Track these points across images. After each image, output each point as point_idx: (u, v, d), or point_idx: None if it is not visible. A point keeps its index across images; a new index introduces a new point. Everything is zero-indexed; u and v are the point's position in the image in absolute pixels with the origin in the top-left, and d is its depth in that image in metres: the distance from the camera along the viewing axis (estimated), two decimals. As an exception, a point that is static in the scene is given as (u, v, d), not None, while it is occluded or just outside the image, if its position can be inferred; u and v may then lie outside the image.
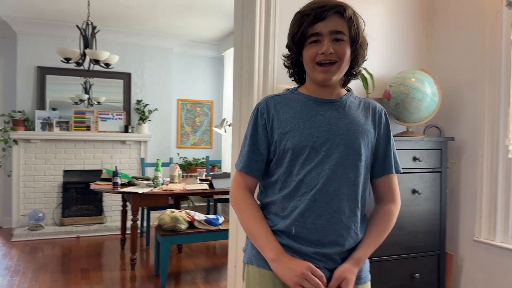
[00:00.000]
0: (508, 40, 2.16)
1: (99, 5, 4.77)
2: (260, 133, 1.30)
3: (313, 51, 1.23)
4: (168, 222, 3.54)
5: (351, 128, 1.26)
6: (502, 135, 2.21)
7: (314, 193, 1.22)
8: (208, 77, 6.69)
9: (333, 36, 1.21)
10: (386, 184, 1.35)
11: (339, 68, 1.23)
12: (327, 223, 1.22)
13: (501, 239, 2.25)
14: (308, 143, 1.23)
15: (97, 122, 5.72)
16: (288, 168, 1.26)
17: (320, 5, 1.22)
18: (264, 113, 1.30)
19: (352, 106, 1.31)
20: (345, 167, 1.23)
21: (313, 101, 1.29)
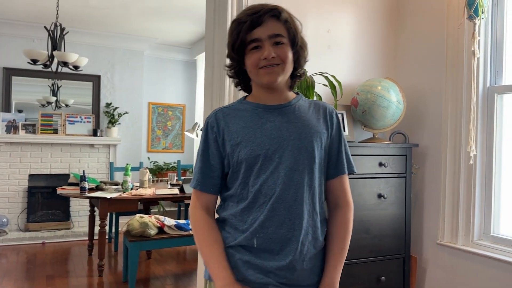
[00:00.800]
0: (469, 51, 2.25)
1: (68, 7, 4.68)
2: (212, 147, 1.28)
3: (255, 57, 1.22)
4: (137, 228, 3.50)
5: (303, 131, 1.25)
6: (464, 142, 2.30)
7: (273, 202, 1.20)
8: (181, 81, 6.66)
9: (273, 40, 1.21)
10: (339, 185, 1.33)
11: (283, 70, 1.23)
12: (289, 231, 1.20)
13: (463, 243, 2.33)
14: (261, 151, 1.21)
15: (64, 125, 5.60)
16: (243, 180, 1.24)
17: (255, 11, 1.21)
18: (214, 127, 1.28)
19: (302, 109, 1.30)
20: (300, 171, 1.22)
21: (262, 108, 1.28)
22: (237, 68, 1.30)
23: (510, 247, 2.14)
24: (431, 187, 2.53)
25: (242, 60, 1.26)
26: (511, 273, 2.08)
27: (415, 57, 2.64)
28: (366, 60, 2.68)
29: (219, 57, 2.24)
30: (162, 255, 4.70)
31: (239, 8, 2.20)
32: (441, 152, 2.43)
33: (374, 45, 2.71)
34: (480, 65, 2.27)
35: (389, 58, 2.76)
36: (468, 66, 2.27)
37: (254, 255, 1.22)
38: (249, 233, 1.21)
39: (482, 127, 2.28)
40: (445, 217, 2.39)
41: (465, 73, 2.29)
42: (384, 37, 2.74)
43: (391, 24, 2.76)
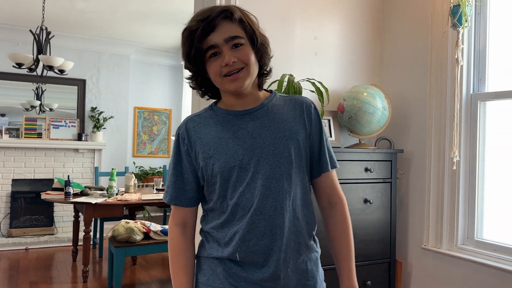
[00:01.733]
0: (453, 59, 2.30)
1: (54, 10, 4.64)
2: (184, 160, 1.22)
3: (216, 65, 1.14)
4: (122, 233, 3.47)
5: (277, 135, 1.18)
6: (448, 148, 2.34)
7: (252, 214, 1.14)
8: (167, 86, 6.64)
9: (230, 43, 1.13)
10: (326, 183, 1.27)
11: (248, 73, 1.15)
12: (270, 241, 1.15)
13: (447, 247, 2.36)
14: (235, 162, 1.15)
15: (49, 129, 5.53)
16: (221, 193, 1.18)
17: (205, 16, 1.13)
18: (185, 139, 1.22)
19: (276, 109, 1.23)
20: (278, 179, 1.16)
21: (233, 115, 1.21)
22: (199, 78, 1.23)
23: (493, 251, 2.18)
24: (415, 192, 2.56)
25: (202, 69, 1.19)
26: (494, 277, 2.11)
27: (400, 64, 2.69)
28: (352, 67, 2.72)
29: (207, 63, 2.25)
30: (148, 261, 4.66)
31: (227, 14, 2.21)
32: (425, 158, 2.47)
33: (360, 52, 2.75)
34: (464, 72, 2.31)
35: (374, 65, 2.80)
36: (452, 73, 2.31)
37: (240, 267, 1.18)
38: (231, 248, 1.18)
39: (466, 133, 2.33)
40: (430, 221, 2.43)
41: (449, 80, 2.34)
42: (370, 44, 2.78)
43: (376, 32, 2.80)
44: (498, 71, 2.28)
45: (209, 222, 1.24)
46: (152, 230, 3.61)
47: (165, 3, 4.38)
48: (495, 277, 2.10)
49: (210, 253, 1.23)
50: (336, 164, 1.29)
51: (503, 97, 2.21)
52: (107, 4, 4.46)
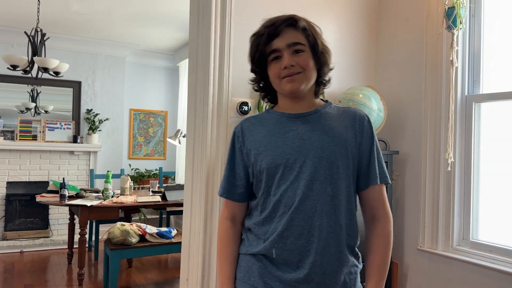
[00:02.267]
0: (447, 60, 2.31)
1: (49, 12, 4.63)
2: (237, 156, 1.32)
3: (276, 68, 1.23)
4: (118, 236, 3.46)
5: (326, 140, 1.22)
6: (443, 149, 2.34)
7: (292, 213, 1.18)
8: (163, 87, 6.63)
9: (292, 48, 1.21)
10: (372, 196, 1.28)
11: (305, 77, 1.22)
12: (307, 242, 1.18)
13: (443, 248, 2.37)
14: (282, 161, 1.21)
15: (44, 131, 5.51)
16: (265, 189, 1.24)
17: (272, 22, 1.24)
18: (240, 137, 1.32)
19: (328, 117, 1.27)
20: (321, 182, 1.19)
21: (286, 117, 1.28)
22: (261, 81, 1.32)
23: (489, 252, 2.18)
24: (411, 194, 2.57)
25: (264, 72, 1.28)
26: (489, 278, 2.12)
27: (395, 66, 2.69)
28: (348, 69, 2.72)
29: (202, 64, 2.25)
30: (144, 264, 4.65)
31: (222, 15, 2.21)
32: (420, 159, 2.48)
33: (356, 54, 2.75)
34: (459, 74, 2.32)
35: (370, 67, 2.81)
36: (447, 75, 2.32)
37: (275, 266, 1.21)
38: (268, 243, 1.21)
39: (461, 134, 2.33)
40: (425, 223, 2.43)
41: (444, 82, 2.35)
42: (366, 46, 2.79)
43: (372, 34, 2.81)
44: (492, 73, 2.29)
45: (252, 218, 1.31)
46: (148, 232, 3.60)
47: (160, 5, 4.37)
48: (490, 278, 2.11)
49: (249, 249, 1.28)
50: (387, 180, 1.30)
51: (497, 98, 2.22)
52: (102, 5, 4.45)
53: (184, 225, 2.31)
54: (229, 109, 2.23)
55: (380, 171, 1.28)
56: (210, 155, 2.19)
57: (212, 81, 2.21)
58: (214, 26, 2.21)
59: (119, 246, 3.44)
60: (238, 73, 2.27)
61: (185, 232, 2.31)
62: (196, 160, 2.26)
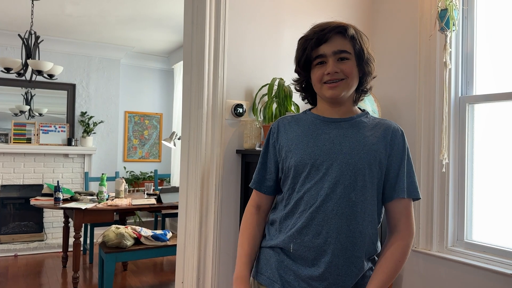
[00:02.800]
0: (441, 62, 2.32)
1: (43, 14, 4.62)
2: (270, 151, 1.38)
3: (319, 72, 1.26)
4: (113, 239, 3.44)
5: (356, 147, 1.24)
6: (437, 151, 2.35)
7: (312, 211, 1.22)
8: (158, 90, 6.62)
9: (337, 56, 1.25)
10: (397, 209, 1.28)
11: (347, 85, 1.25)
12: (324, 243, 1.21)
13: (437, 249, 2.38)
14: (309, 160, 1.25)
15: (38, 134, 5.48)
16: (291, 186, 1.29)
17: (321, 28, 1.26)
18: (275, 133, 1.37)
19: (362, 125, 1.29)
20: (346, 186, 1.21)
21: (321, 120, 1.32)
22: (304, 82, 1.37)
23: (483, 253, 2.19)
24: (406, 195, 2.57)
25: (308, 75, 1.32)
26: (483, 278, 2.13)
27: (389, 67, 2.71)
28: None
29: (197, 66, 2.25)
30: (139, 267, 4.63)
31: (217, 17, 2.22)
32: (415, 161, 2.48)
33: (350, 56, 2.76)
34: (452, 75, 2.34)
35: (364, 69, 2.82)
36: (440, 76, 2.34)
37: (292, 260, 1.26)
38: (287, 237, 1.26)
39: (454, 136, 2.35)
40: (420, 224, 2.44)
41: (437, 84, 2.36)
42: (360, 48, 2.80)
43: (366, 35, 2.82)
44: (485, 74, 2.31)
45: (276, 212, 1.36)
46: (143, 235, 3.59)
47: (155, 7, 4.37)
48: (485, 278, 2.12)
49: (268, 242, 1.33)
50: (416, 195, 1.30)
51: (490, 99, 2.23)
52: (97, 8, 4.44)
53: (179, 227, 2.30)
54: (223, 111, 2.23)
55: (409, 185, 1.28)
56: (205, 158, 2.19)
57: (207, 84, 2.21)
58: (209, 28, 2.21)
59: (114, 249, 3.42)
60: (233, 75, 2.28)
61: (180, 234, 2.30)
62: (191, 163, 2.25)
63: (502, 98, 2.18)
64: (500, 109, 2.21)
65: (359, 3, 2.79)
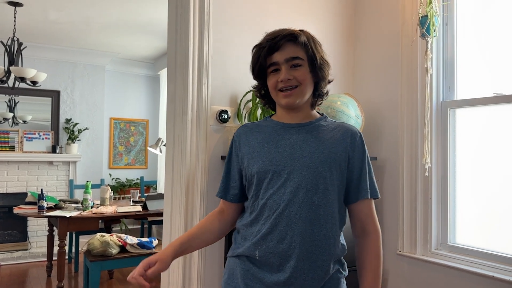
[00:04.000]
0: (422, 67, 2.36)
1: (26, 21, 4.57)
2: (233, 159, 1.38)
3: (273, 80, 1.29)
4: (98, 247, 3.41)
5: (316, 151, 1.26)
6: (420, 155, 2.38)
7: (276, 217, 1.23)
8: (144, 96, 6.59)
9: (290, 63, 1.27)
10: (363, 210, 1.33)
11: (301, 92, 1.27)
12: (289, 247, 1.21)
13: (421, 252, 2.40)
14: (271, 167, 1.26)
15: (22, 142, 5.41)
16: (255, 192, 1.30)
17: (273, 36, 1.28)
18: (237, 141, 1.38)
19: (322, 129, 1.32)
20: (308, 190, 1.23)
21: (281, 126, 1.34)
22: (262, 90, 1.38)
23: (466, 256, 2.22)
24: (389, 199, 2.60)
25: (265, 82, 1.34)
26: (467, 281, 2.15)
27: (372, 73, 2.73)
28: (326, 76, 2.75)
29: (181, 73, 2.25)
30: (125, 275, 4.58)
31: (201, 24, 2.22)
32: (398, 165, 2.51)
33: (333, 62, 2.79)
34: (433, 81, 2.37)
35: (347, 74, 2.85)
36: (422, 82, 2.37)
37: (257, 267, 1.26)
38: (252, 245, 1.26)
39: (437, 140, 2.38)
40: (404, 227, 2.46)
41: (419, 89, 2.39)
42: (342, 54, 2.83)
43: (348, 42, 2.85)
44: (466, 79, 2.35)
45: (241, 219, 1.37)
46: (129, 243, 3.56)
47: (140, 14, 4.36)
48: (468, 280, 2.14)
49: (235, 251, 1.33)
50: (377, 194, 1.36)
51: (471, 104, 2.27)
52: (81, 15, 4.42)
53: (164, 235, 2.29)
54: (208, 118, 2.23)
55: (371, 185, 1.34)
56: (190, 164, 2.18)
57: (191, 90, 2.21)
58: (193, 35, 2.21)
59: (99, 258, 3.39)
60: (217, 81, 2.28)
61: (165, 242, 2.29)
62: (176, 169, 2.25)
63: (483, 103, 2.22)
64: (481, 114, 2.25)
65: (342, 10, 2.82)
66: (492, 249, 2.15)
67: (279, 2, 2.56)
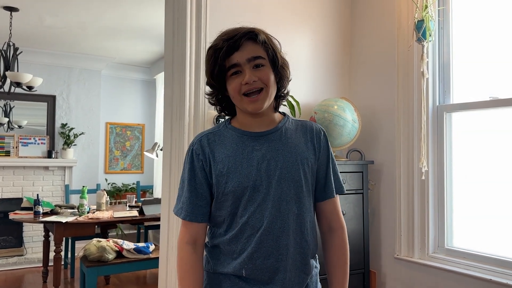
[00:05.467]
0: (418, 72, 2.37)
1: (22, 26, 4.56)
2: (199, 175, 1.23)
3: (236, 83, 1.18)
4: (94, 252, 3.38)
5: (290, 159, 1.22)
6: (416, 158, 2.39)
7: (260, 234, 1.18)
8: (140, 100, 6.58)
9: (252, 63, 1.17)
10: (329, 208, 1.31)
11: (267, 94, 1.19)
12: (276, 261, 1.19)
13: (419, 256, 2.40)
14: (248, 183, 1.18)
15: (17, 147, 5.39)
16: (231, 210, 1.21)
17: (231, 36, 1.18)
18: (200, 154, 1.23)
19: (289, 133, 1.26)
20: (287, 201, 1.20)
21: (248, 136, 1.24)
22: (219, 95, 1.26)
23: (463, 259, 2.22)
24: (387, 203, 2.60)
25: (223, 87, 1.22)
26: (464, 284, 2.15)
27: (368, 77, 2.75)
28: (322, 81, 2.76)
29: (178, 77, 2.25)
30: (121, 280, 4.56)
31: (197, 28, 2.22)
32: (395, 168, 2.52)
33: (330, 66, 2.80)
34: (429, 85, 2.38)
35: (344, 79, 2.85)
36: (418, 86, 2.38)
37: (245, 282, 1.21)
38: (237, 264, 1.20)
39: (433, 144, 2.39)
40: (401, 231, 2.46)
41: (415, 93, 2.40)
42: (339, 58, 2.84)
43: (346, 47, 2.86)
44: (462, 83, 2.36)
45: (215, 237, 1.27)
46: (125, 248, 3.54)
47: (135, 18, 4.36)
48: (465, 283, 2.15)
49: (216, 268, 1.25)
50: (342, 189, 1.34)
51: (467, 108, 2.28)
52: (76, 20, 4.41)
53: (161, 240, 2.28)
54: (205, 122, 2.23)
55: (336, 183, 1.32)
56: (187, 169, 2.17)
57: (188, 94, 2.21)
58: (190, 39, 2.22)
59: (95, 263, 3.36)
60: (214, 86, 2.28)
61: (162, 247, 2.28)
62: (173, 174, 2.24)
63: (479, 107, 2.23)
64: (477, 118, 2.26)
65: (339, 15, 2.83)
66: (490, 252, 2.15)
67: (276, 7, 2.57)
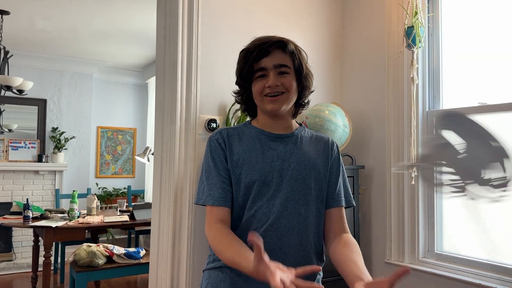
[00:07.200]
0: (408, 77, 2.39)
1: (12, 29, 4.54)
2: (224, 162, 1.30)
3: (260, 85, 1.29)
4: (84, 257, 3.36)
5: (302, 163, 1.29)
6: (406, 163, 2.41)
7: (265, 229, 1.22)
8: (131, 104, 6.56)
9: (278, 69, 1.28)
10: (338, 215, 1.36)
11: (287, 98, 1.29)
12: (278, 259, 1.19)
13: (409, 260, 2.41)
14: (260, 178, 1.25)
15: (7, 151, 5.34)
16: (241, 203, 1.27)
17: (263, 42, 1.29)
18: (221, 143, 1.32)
19: (304, 140, 1.35)
20: (296, 202, 1.25)
21: (266, 135, 1.33)
22: (245, 95, 1.37)
23: (453, 263, 2.24)
24: (377, 207, 2.62)
25: (249, 87, 1.33)
26: (453, 288, 2.17)
27: (359, 83, 2.76)
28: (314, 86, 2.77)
29: (170, 81, 2.25)
30: (112, 285, 4.52)
31: (189, 32, 2.23)
32: (385, 173, 2.53)
33: (321, 72, 2.81)
34: (419, 90, 2.41)
35: (335, 84, 2.87)
36: (408, 91, 2.40)
37: (243, 279, 1.23)
38: None
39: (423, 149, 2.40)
40: (392, 236, 2.48)
41: (405, 98, 2.42)
42: (330, 64, 2.86)
43: (336, 52, 2.88)
44: (451, 89, 2.39)
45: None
46: (115, 253, 3.52)
47: (127, 22, 4.36)
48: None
49: (217, 263, 1.28)
50: (352, 203, 1.40)
51: (456, 113, 2.30)
52: (68, 23, 4.40)
53: (152, 245, 2.27)
54: (197, 126, 2.23)
55: (346, 194, 1.39)
56: (178, 173, 2.17)
57: (180, 99, 2.21)
58: (181, 43, 2.22)
59: (85, 268, 3.34)
60: (206, 90, 2.28)
61: (153, 252, 2.27)
62: (164, 179, 2.24)
63: (468, 112, 2.25)
64: (466, 123, 2.28)
65: (329, 20, 2.85)
66: (479, 257, 2.17)
67: (268, 12, 2.58)
